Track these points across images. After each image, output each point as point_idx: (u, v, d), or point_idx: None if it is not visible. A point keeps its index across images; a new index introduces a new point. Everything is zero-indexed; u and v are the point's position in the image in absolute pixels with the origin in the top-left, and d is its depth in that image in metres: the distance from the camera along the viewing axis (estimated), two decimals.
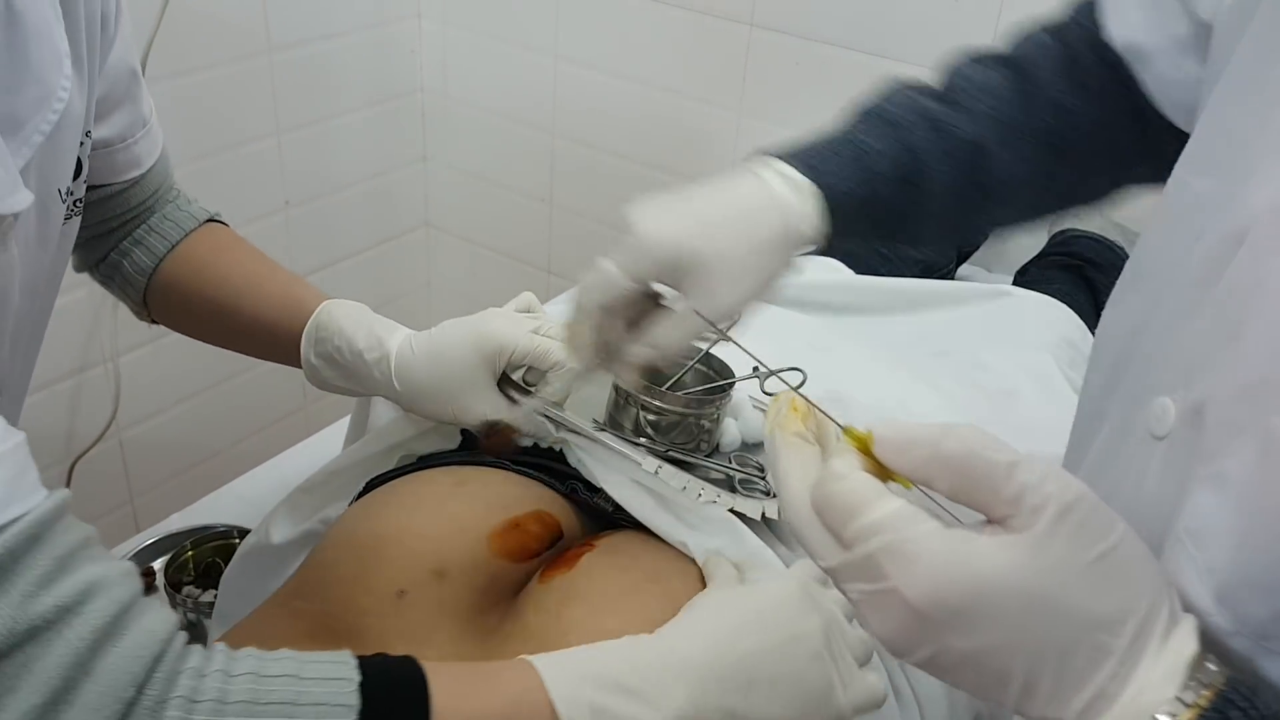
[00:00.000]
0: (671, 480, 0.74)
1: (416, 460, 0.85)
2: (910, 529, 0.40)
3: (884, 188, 0.65)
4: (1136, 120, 0.70)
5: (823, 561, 0.43)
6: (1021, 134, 0.69)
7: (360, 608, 0.69)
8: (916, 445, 0.42)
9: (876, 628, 0.42)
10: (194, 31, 1.61)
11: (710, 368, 0.84)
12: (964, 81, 0.69)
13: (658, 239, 0.61)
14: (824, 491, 0.43)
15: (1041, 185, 0.71)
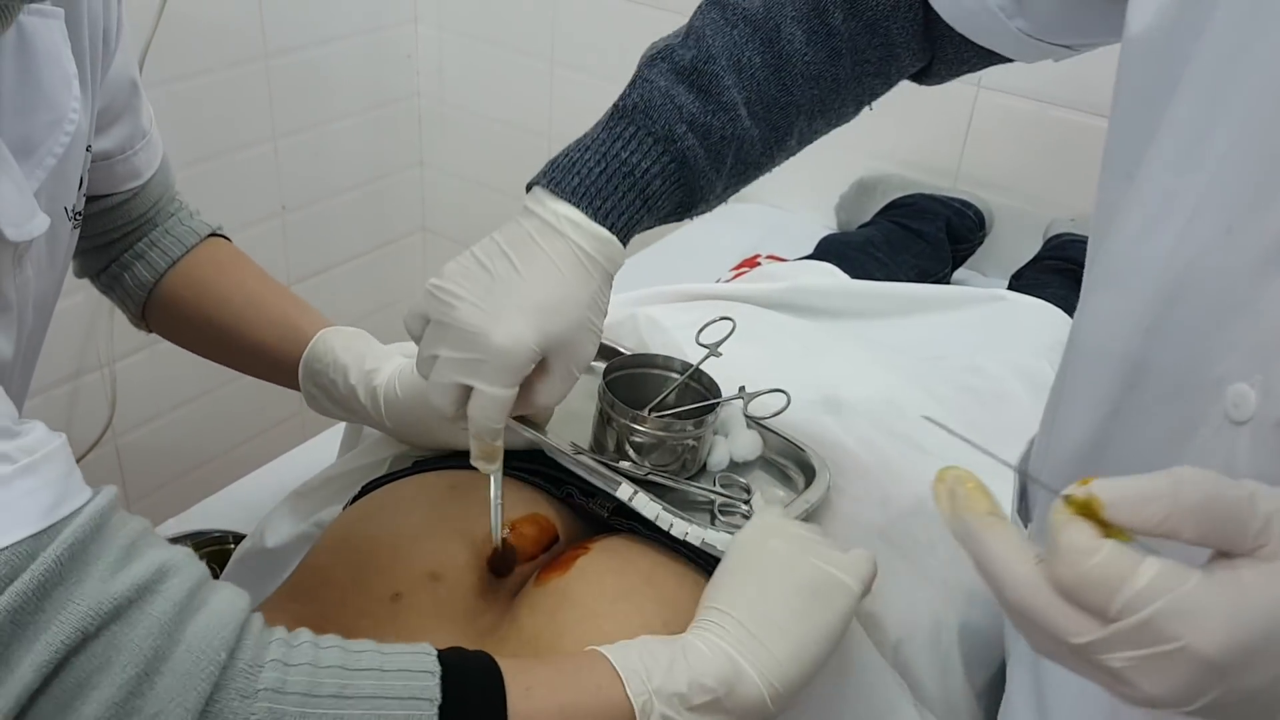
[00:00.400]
0: (644, 509, 0.73)
1: (411, 464, 0.85)
2: (1184, 585, 0.41)
3: (663, 200, 0.69)
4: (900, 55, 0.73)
5: (1076, 639, 0.43)
6: (775, 110, 0.71)
7: (355, 610, 0.69)
8: (1153, 501, 0.42)
9: (1153, 689, 0.42)
10: (190, 37, 1.61)
11: (700, 385, 0.84)
12: (713, 55, 0.69)
13: (524, 348, 0.64)
14: (1077, 571, 0.42)
15: (801, 140, 0.75)
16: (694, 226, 1.74)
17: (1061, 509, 0.43)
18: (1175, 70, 0.55)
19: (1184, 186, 0.54)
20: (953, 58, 0.75)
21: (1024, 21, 0.70)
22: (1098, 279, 0.61)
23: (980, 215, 1.53)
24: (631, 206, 0.67)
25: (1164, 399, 0.57)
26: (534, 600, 0.71)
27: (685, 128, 0.68)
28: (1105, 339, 0.60)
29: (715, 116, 0.69)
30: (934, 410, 1.00)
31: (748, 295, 1.17)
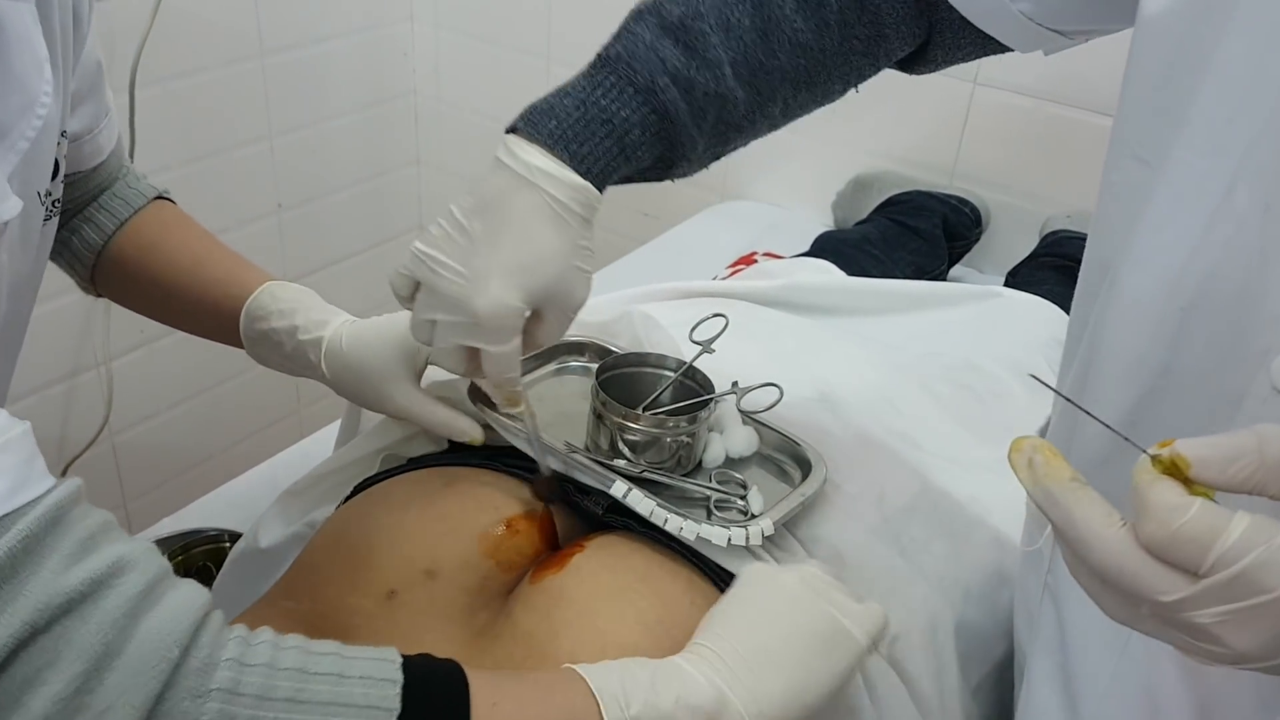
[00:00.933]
0: (638, 506, 0.73)
1: (406, 461, 0.85)
2: (1277, 538, 0.41)
3: (641, 151, 0.69)
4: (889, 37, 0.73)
5: (1167, 596, 0.43)
6: (760, 74, 0.71)
7: (350, 608, 0.69)
8: (1239, 458, 0.43)
9: (1242, 643, 0.43)
10: (185, 35, 1.61)
11: (695, 382, 0.84)
12: (705, 18, 0.69)
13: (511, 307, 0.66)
14: (1169, 529, 0.43)
15: (786, 112, 0.75)
16: (691, 224, 1.75)
17: (1147, 468, 0.44)
18: (1200, 54, 0.56)
19: (1215, 168, 0.55)
20: (949, 43, 0.75)
21: (1031, 5, 0.70)
22: (1122, 260, 0.62)
23: (976, 212, 1.53)
24: (608, 154, 0.67)
25: (1205, 374, 0.58)
26: (529, 598, 0.71)
27: (668, 80, 0.67)
28: (1139, 319, 0.61)
29: (699, 72, 0.68)
30: (931, 408, 1.00)
31: (744, 292, 1.17)
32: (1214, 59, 0.55)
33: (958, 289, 1.25)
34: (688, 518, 0.73)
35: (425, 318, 0.68)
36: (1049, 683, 0.73)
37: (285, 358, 0.86)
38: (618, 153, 0.67)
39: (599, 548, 0.74)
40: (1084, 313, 0.68)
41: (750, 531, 0.73)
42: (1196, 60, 0.56)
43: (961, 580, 0.82)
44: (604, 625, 0.68)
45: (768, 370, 0.91)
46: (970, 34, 0.73)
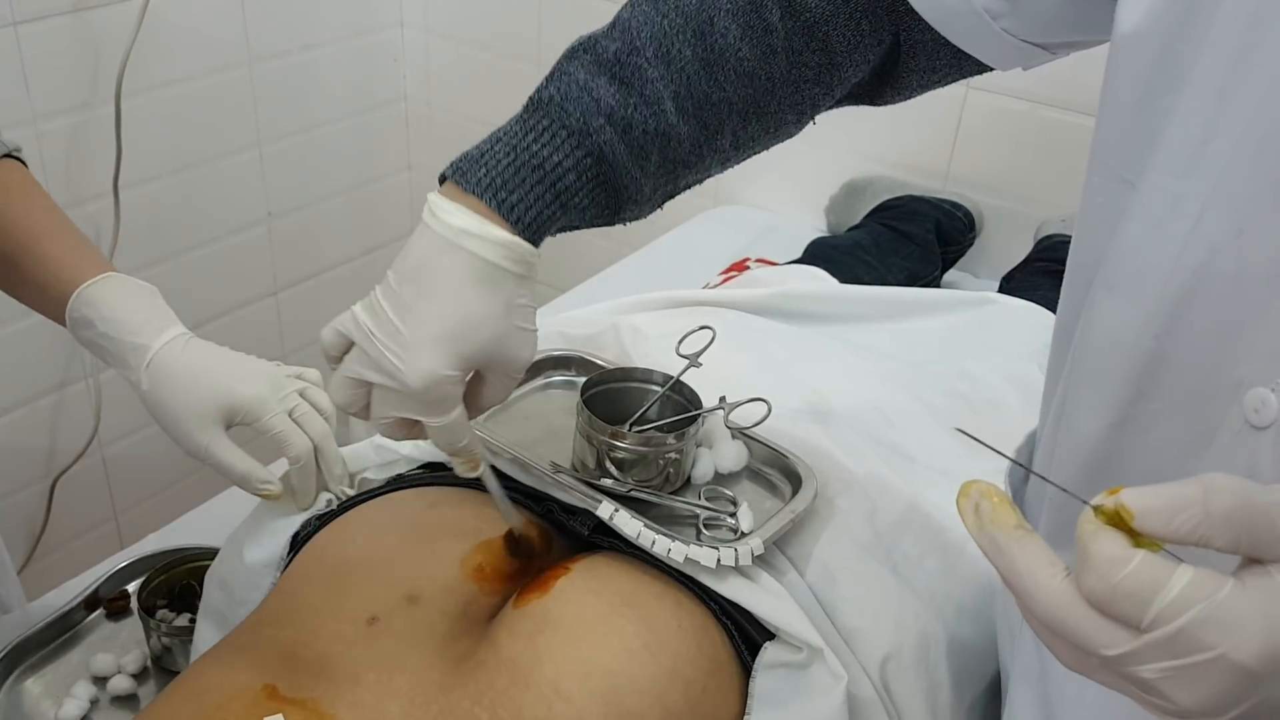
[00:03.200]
0: (625, 527, 0.72)
1: (385, 483, 0.83)
2: (1218, 593, 0.40)
3: (579, 198, 0.65)
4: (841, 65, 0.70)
5: (1110, 651, 0.42)
6: (705, 106, 0.67)
7: (330, 634, 0.68)
8: (1184, 510, 0.41)
9: (1187, 700, 0.41)
10: (172, 43, 1.60)
11: (683, 396, 0.82)
12: (641, 50, 0.66)
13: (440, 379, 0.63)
14: (1109, 582, 0.41)
15: (737, 144, 0.71)
16: (683, 230, 1.74)
17: (1091, 519, 0.43)
18: (1176, 73, 0.54)
19: (1188, 190, 0.54)
20: (923, 65, 0.72)
21: (1012, 21, 0.68)
22: (1098, 284, 0.60)
23: (970, 216, 1.52)
24: (541, 201, 0.64)
25: (1179, 404, 0.56)
26: (512, 623, 0.69)
27: (603, 121, 0.64)
28: (1113, 345, 0.59)
29: (638, 110, 0.65)
30: (924, 418, 0.99)
31: (734, 301, 1.15)
32: (1189, 78, 0.54)
33: (951, 295, 1.24)
34: (676, 538, 0.72)
35: (349, 375, 0.66)
36: (1029, 712, 0.72)
37: (105, 355, 0.82)
38: (552, 200, 0.64)
39: (584, 570, 0.73)
40: (1065, 336, 0.66)
41: (740, 551, 0.72)
42: (1171, 79, 0.55)
43: (954, 596, 0.81)
44: (588, 651, 0.66)
45: (758, 381, 0.90)
46: (945, 54, 0.71)
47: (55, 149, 1.51)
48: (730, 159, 0.72)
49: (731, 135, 0.70)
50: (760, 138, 0.72)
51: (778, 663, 0.70)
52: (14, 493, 1.63)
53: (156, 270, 1.71)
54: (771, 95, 0.69)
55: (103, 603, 0.99)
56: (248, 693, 0.64)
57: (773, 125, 0.71)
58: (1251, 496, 0.41)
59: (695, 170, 0.71)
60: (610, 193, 0.67)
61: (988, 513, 0.46)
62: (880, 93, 0.75)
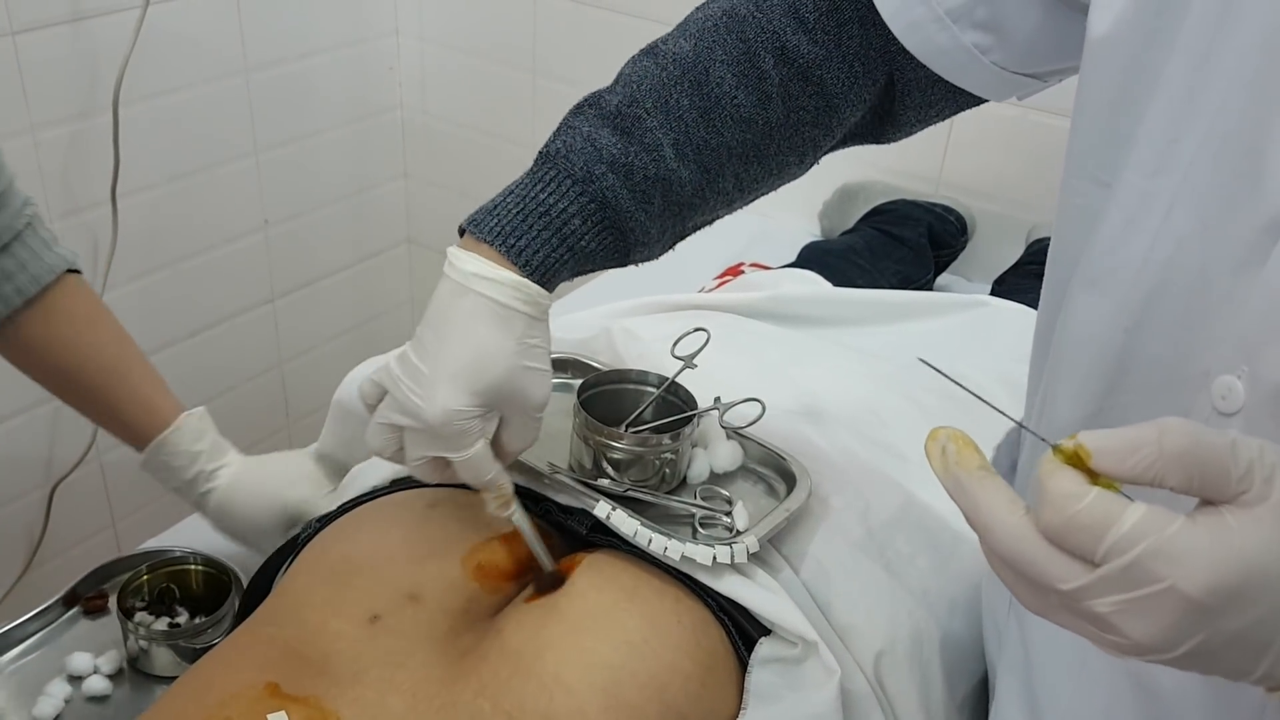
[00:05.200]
0: (622, 526, 0.73)
1: (389, 484, 0.84)
2: (1169, 528, 0.42)
3: (585, 241, 0.69)
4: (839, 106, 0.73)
5: (1065, 584, 0.43)
6: (705, 152, 0.71)
7: (332, 633, 0.69)
8: (1139, 449, 0.43)
9: (1140, 632, 0.43)
10: (169, 52, 1.61)
11: (678, 397, 0.83)
12: (640, 101, 0.70)
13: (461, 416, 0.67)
14: (1064, 516, 0.43)
15: (740, 186, 0.74)
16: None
17: (1050, 459, 0.44)
18: (1147, 76, 0.56)
19: (1158, 188, 0.56)
20: (918, 102, 0.74)
21: (1001, 54, 0.70)
22: (1075, 281, 0.62)
23: (962, 220, 1.54)
24: (548, 245, 0.68)
25: (1149, 395, 0.58)
26: (520, 616, 0.70)
27: (605, 168, 0.68)
28: (1087, 340, 0.61)
29: (638, 157, 0.69)
30: (916, 418, 1.00)
31: (729, 305, 1.17)
32: (1159, 81, 0.55)
33: (943, 298, 1.25)
34: (672, 536, 0.73)
35: (382, 422, 0.70)
36: (1015, 702, 0.73)
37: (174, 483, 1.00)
38: (559, 244, 0.68)
39: (589, 566, 0.74)
40: (1045, 333, 0.68)
41: (735, 550, 0.73)
42: (1142, 82, 0.56)
43: (947, 594, 0.82)
44: (591, 643, 0.67)
45: (752, 383, 0.91)
46: (940, 90, 0.73)
47: (53, 157, 1.52)
48: (735, 200, 0.76)
49: (734, 178, 0.73)
50: (764, 179, 0.75)
51: (773, 658, 0.71)
52: (12, 500, 1.63)
53: (154, 278, 1.72)
54: (770, 139, 0.72)
55: (80, 600, 0.99)
56: (250, 690, 0.65)
57: (775, 167, 0.74)
58: (1204, 438, 0.42)
59: (701, 212, 0.74)
60: (617, 235, 0.70)
61: (953, 454, 0.47)
62: (882, 131, 0.78)
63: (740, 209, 0.78)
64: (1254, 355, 0.51)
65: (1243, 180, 0.52)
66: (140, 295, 1.70)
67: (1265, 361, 0.51)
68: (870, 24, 0.71)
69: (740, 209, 0.78)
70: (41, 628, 0.97)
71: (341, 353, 2.05)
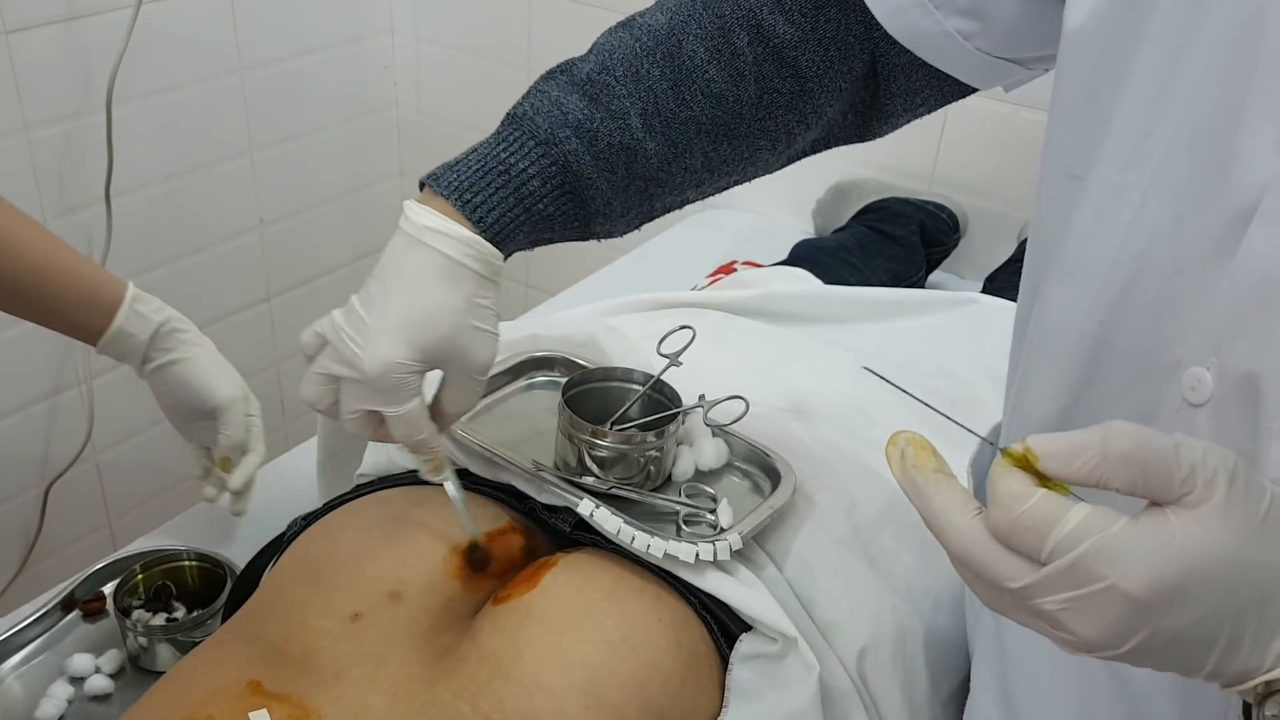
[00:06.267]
0: (605, 524, 0.73)
1: (375, 480, 0.85)
2: (1111, 528, 0.43)
3: (542, 205, 0.69)
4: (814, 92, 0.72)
5: (1013, 583, 0.44)
6: (673, 124, 0.70)
7: (314, 631, 0.69)
8: (1084, 451, 0.44)
9: (1085, 629, 0.44)
10: (162, 51, 1.61)
11: (663, 395, 0.84)
12: (611, 69, 0.69)
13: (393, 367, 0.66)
14: (1010, 516, 0.44)
15: (710, 166, 0.73)
16: (670, 233, 1.75)
17: (1000, 462, 0.46)
18: (1120, 69, 0.57)
19: (1130, 182, 0.56)
20: (902, 89, 0.74)
21: (984, 39, 0.70)
22: (1049, 274, 0.63)
23: (954, 218, 1.54)
24: (505, 204, 0.67)
25: (1123, 386, 0.59)
26: (495, 618, 0.71)
27: (569, 132, 0.68)
28: (1062, 332, 0.62)
29: (604, 124, 0.68)
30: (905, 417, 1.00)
31: (719, 302, 1.17)
32: (1131, 73, 0.56)
33: (934, 296, 1.25)
34: (655, 534, 0.73)
35: (319, 372, 0.69)
36: (989, 691, 0.74)
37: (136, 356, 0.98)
38: (515, 204, 0.67)
39: (567, 566, 0.74)
40: (1022, 327, 0.68)
41: (718, 547, 0.73)
42: (1116, 74, 0.57)
43: (931, 590, 0.82)
44: (569, 644, 0.67)
45: (741, 380, 0.91)
46: (923, 76, 0.73)
47: (47, 157, 1.52)
48: (705, 182, 0.75)
49: (702, 155, 0.72)
50: (735, 162, 0.74)
51: (754, 654, 0.72)
52: (8, 499, 1.64)
53: (149, 277, 1.72)
54: (740, 118, 0.72)
55: (78, 604, 1.00)
56: (233, 688, 0.65)
57: (746, 150, 0.74)
58: (1148, 441, 0.43)
59: (667, 189, 0.73)
60: (577, 202, 0.70)
61: (911, 458, 0.49)
62: (867, 127, 0.78)
63: (711, 193, 0.77)
64: (1223, 346, 0.52)
65: (1213, 172, 0.53)
66: None
67: (1233, 352, 0.51)
68: (849, 8, 0.70)
69: (711, 193, 0.77)
70: (41, 633, 0.98)
71: None
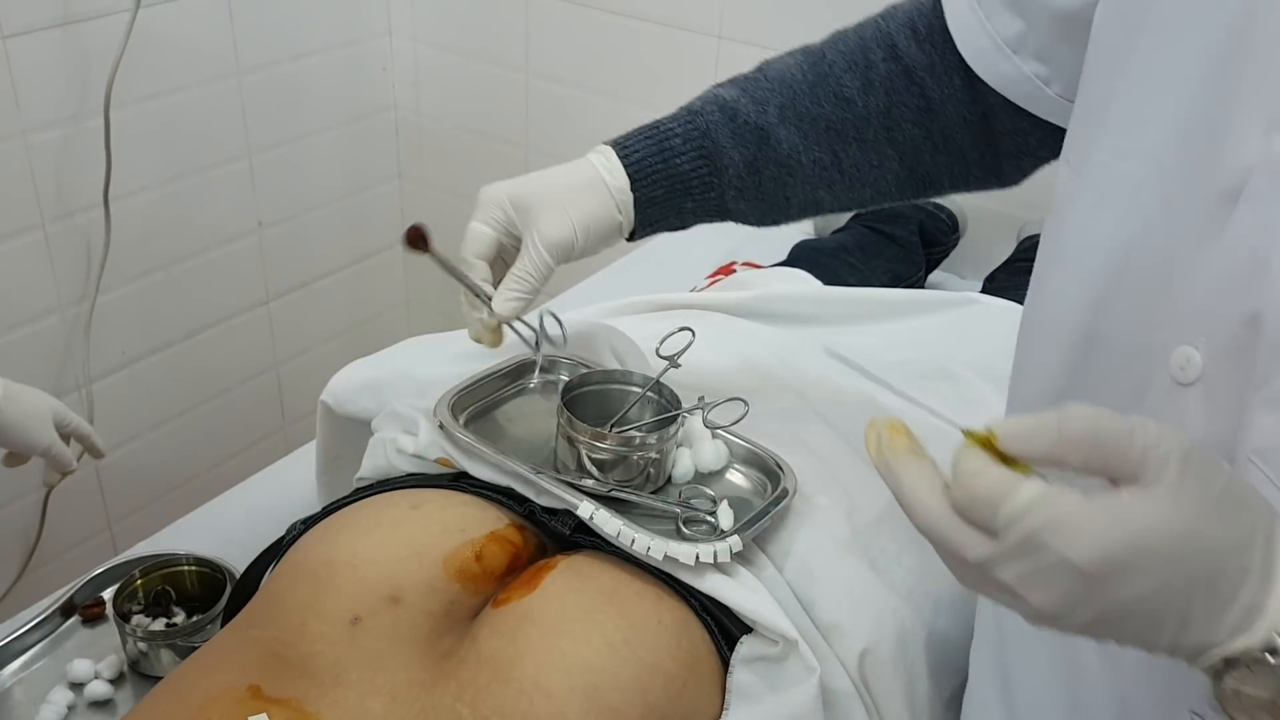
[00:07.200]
0: (605, 526, 0.73)
1: (374, 484, 0.84)
2: (1062, 502, 0.44)
3: (679, 160, 0.80)
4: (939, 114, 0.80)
5: (972, 555, 0.46)
6: (805, 119, 0.80)
7: (313, 635, 0.69)
8: (1041, 432, 0.46)
9: (1040, 600, 0.45)
10: (160, 55, 1.61)
11: (663, 397, 0.83)
12: (765, 72, 0.82)
13: (495, 191, 0.80)
14: (967, 490, 0.46)
15: (839, 166, 0.82)
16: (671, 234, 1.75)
17: (964, 443, 0.48)
18: (1118, 57, 0.58)
19: (1126, 169, 0.58)
20: (1008, 128, 0.78)
21: (1060, 86, 0.72)
22: (1050, 262, 0.65)
23: (953, 218, 1.54)
24: (646, 147, 0.80)
25: (1115, 368, 0.60)
26: (494, 622, 0.70)
27: (715, 107, 0.80)
28: (1056, 320, 0.63)
29: (745, 105, 0.80)
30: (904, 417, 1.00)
31: (719, 304, 1.16)
32: (1130, 62, 0.57)
33: (933, 296, 1.25)
34: (655, 536, 0.73)
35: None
36: (988, 677, 0.74)
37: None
38: (656, 151, 0.80)
39: (567, 569, 0.74)
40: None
41: (718, 548, 0.73)
42: (1115, 64, 0.58)
43: (932, 592, 0.82)
44: (569, 647, 0.67)
45: (740, 382, 0.91)
46: (1024, 117, 0.76)
47: (45, 161, 1.52)
48: (836, 183, 0.83)
49: (830, 153, 0.81)
50: (865, 169, 0.82)
51: (754, 657, 0.71)
52: (8, 503, 1.64)
53: (148, 281, 1.72)
54: (868, 124, 0.81)
55: (78, 609, 1.00)
56: (232, 693, 0.65)
57: (875, 158, 0.82)
58: (1103, 423, 0.45)
59: (798, 180, 0.82)
60: (712, 169, 0.81)
61: (885, 440, 0.50)
62: (999, 167, 0.83)
63: (848, 203, 0.85)
64: (1211, 325, 0.53)
65: (1203, 157, 0.54)
66: (134, 298, 1.71)
67: (1221, 331, 0.52)
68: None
69: (848, 203, 0.85)
70: (41, 638, 0.98)
71: (337, 354, 2.05)
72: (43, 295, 1.58)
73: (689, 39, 1.66)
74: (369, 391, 0.94)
